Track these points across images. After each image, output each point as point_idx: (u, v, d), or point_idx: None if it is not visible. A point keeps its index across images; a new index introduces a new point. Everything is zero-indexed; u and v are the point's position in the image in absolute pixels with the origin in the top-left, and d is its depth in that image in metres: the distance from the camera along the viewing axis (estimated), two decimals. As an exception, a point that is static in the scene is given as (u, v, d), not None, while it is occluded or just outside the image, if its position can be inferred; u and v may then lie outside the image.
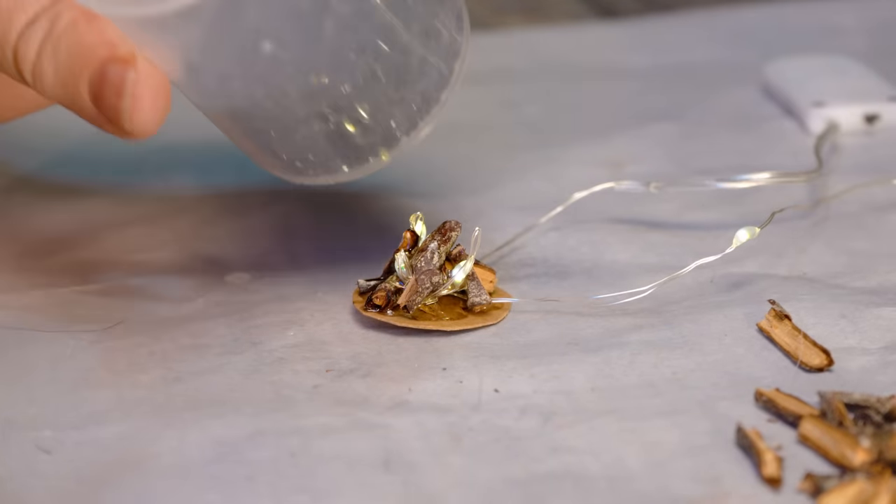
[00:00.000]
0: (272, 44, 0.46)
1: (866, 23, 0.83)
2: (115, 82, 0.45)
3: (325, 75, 0.48)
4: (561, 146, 0.67)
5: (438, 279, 0.50)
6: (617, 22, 0.87)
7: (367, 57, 0.49)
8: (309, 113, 0.49)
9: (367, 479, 0.42)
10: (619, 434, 0.44)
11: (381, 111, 0.50)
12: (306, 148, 0.51)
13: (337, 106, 0.49)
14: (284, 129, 0.50)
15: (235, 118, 0.50)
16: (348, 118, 0.50)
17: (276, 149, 0.51)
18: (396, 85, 0.50)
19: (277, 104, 0.48)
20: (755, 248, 0.55)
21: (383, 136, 0.51)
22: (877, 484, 0.40)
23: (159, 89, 0.46)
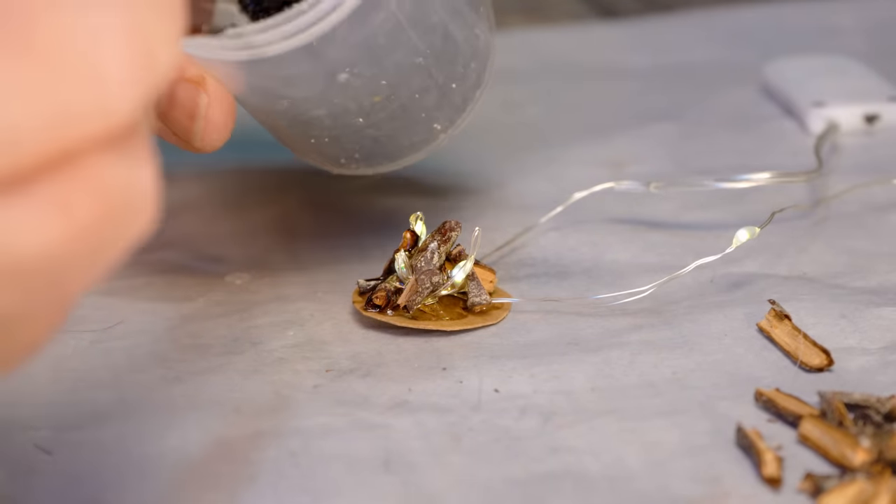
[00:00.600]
0: (348, 74, 0.48)
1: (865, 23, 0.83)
2: (186, 105, 0.48)
3: (387, 93, 0.51)
4: (561, 146, 0.67)
5: (438, 279, 0.50)
6: (617, 22, 0.87)
7: (424, 71, 0.52)
8: (365, 124, 0.52)
9: (367, 479, 0.42)
10: (619, 434, 0.44)
11: (429, 115, 0.54)
12: (354, 150, 0.54)
13: (392, 116, 0.52)
14: (338, 136, 0.53)
15: (291, 127, 0.52)
16: (399, 124, 0.53)
17: (325, 150, 0.54)
18: (444, 91, 0.54)
19: (338, 119, 0.51)
20: (755, 248, 0.55)
21: (426, 136, 0.54)
22: (877, 484, 0.40)
23: (228, 109, 0.48)
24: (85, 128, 0.27)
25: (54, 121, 0.27)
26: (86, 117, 0.27)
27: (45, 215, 0.27)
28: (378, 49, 0.49)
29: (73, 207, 0.28)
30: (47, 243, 0.27)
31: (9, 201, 0.27)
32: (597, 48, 0.81)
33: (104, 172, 0.28)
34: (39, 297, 0.29)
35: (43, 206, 0.27)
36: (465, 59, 0.55)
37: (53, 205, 0.27)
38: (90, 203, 0.28)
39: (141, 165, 0.29)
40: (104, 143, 0.28)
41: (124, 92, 0.27)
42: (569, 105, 0.73)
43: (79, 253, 0.28)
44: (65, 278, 0.29)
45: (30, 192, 0.27)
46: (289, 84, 0.49)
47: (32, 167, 0.27)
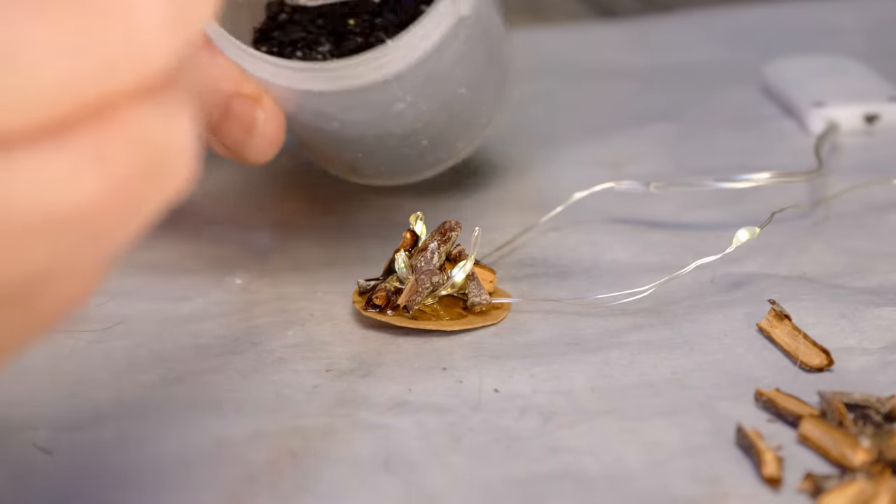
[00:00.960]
0: (404, 104, 0.51)
1: (865, 23, 0.83)
2: (243, 119, 0.49)
3: (428, 119, 0.54)
4: (561, 146, 0.67)
5: (438, 279, 0.50)
6: (617, 22, 0.87)
7: (465, 99, 0.56)
8: (401, 144, 0.55)
9: (367, 479, 0.42)
10: (619, 434, 0.44)
11: (456, 135, 0.58)
12: (382, 164, 0.57)
13: (426, 137, 0.55)
14: (372, 153, 0.56)
15: (329, 143, 0.55)
16: (429, 144, 0.56)
17: (354, 163, 0.57)
18: (475, 113, 0.58)
19: (379, 140, 0.54)
20: (755, 248, 0.55)
21: (449, 153, 0.58)
22: (877, 484, 0.40)
23: (281, 125, 0.50)
24: (120, 76, 0.27)
25: (89, 69, 0.26)
26: (120, 65, 0.27)
27: (82, 166, 0.27)
28: (434, 81, 0.52)
29: (110, 158, 0.27)
30: (84, 194, 0.27)
31: (44, 151, 0.26)
32: (596, 48, 0.81)
33: (141, 123, 0.28)
34: (76, 252, 0.28)
35: (79, 157, 0.27)
36: (496, 82, 0.59)
37: (90, 155, 0.27)
38: (127, 154, 0.27)
39: (178, 117, 0.28)
40: (140, 93, 0.27)
41: (159, 39, 0.27)
42: (568, 105, 0.73)
43: (116, 206, 0.28)
44: (101, 232, 0.28)
45: (65, 142, 0.27)
46: (347, 110, 0.51)
47: (67, 117, 0.27)
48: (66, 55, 0.26)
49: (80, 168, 0.27)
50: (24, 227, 0.27)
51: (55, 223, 0.27)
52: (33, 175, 0.26)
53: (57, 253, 0.28)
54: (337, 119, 0.52)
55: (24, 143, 0.26)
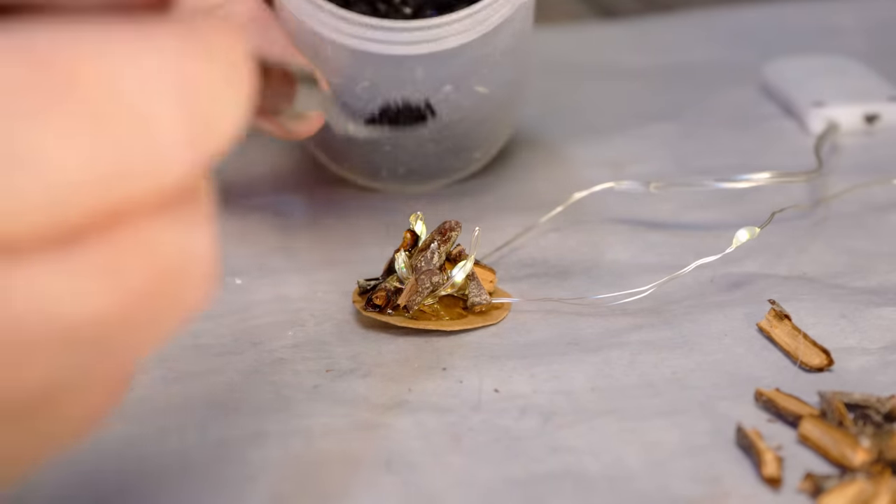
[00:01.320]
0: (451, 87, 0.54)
1: (865, 23, 0.83)
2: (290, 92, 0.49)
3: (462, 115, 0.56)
4: (561, 146, 0.67)
5: (438, 279, 0.50)
6: (617, 22, 0.87)
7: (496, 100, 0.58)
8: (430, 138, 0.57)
9: (367, 479, 0.42)
10: (619, 434, 0.44)
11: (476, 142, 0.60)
12: (402, 163, 0.59)
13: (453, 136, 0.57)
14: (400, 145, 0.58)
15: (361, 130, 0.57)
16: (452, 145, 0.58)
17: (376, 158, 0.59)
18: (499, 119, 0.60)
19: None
20: (755, 248, 0.55)
21: (465, 162, 0.60)
22: (877, 484, 0.40)
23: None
24: (135, 188, 0.26)
25: (103, 179, 0.26)
26: (136, 176, 0.26)
27: (94, 279, 0.26)
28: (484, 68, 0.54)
29: (124, 272, 0.26)
30: (95, 307, 0.26)
31: (56, 263, 0.26)
32: (596, 48, 0.81)
33: (156, 236, 0.27)
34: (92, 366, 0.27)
35: (92, 270, 0.26)
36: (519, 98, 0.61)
37: (103, 268, 0.26)
38: (141, 268, 0.27)
39: (197, 231, 0.28)
40: (156, 206, 0.27)
41: (177, 152, 0.26)
42: (568, 105, 0.73)
43: (130, 320, 0.27)
44: (117, 346, 0.27)
45: (78, 253, 0.26)
46: (400, 84, 0.53)
47: (80, 227, 0.26)
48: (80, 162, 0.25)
49: (91, 279, 0.26)
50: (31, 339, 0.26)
51: (64, 336, 0.26)
52: (42, 284, 0.26)
53: (66, 367, 0.27)
54: (382, 95, 0.53)
55: (33, 250, 0.25)
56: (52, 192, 0.25)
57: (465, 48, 0.52)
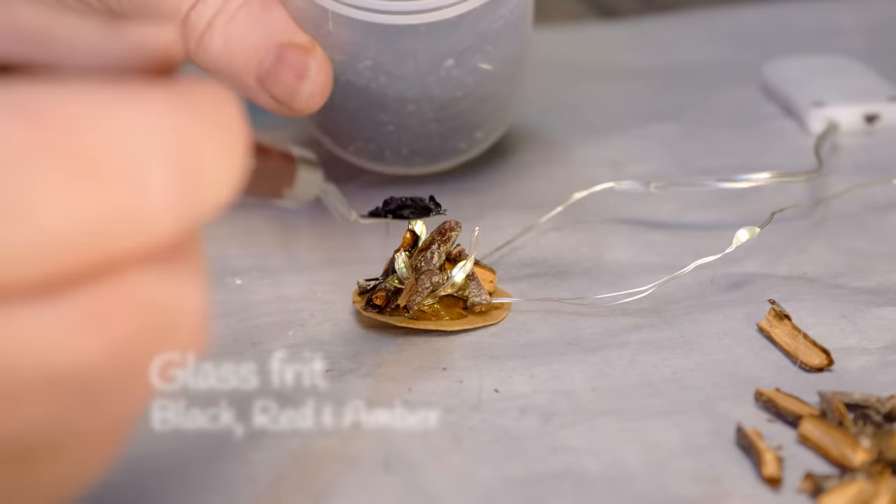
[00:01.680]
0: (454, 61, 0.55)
1: (866, 23, 0.83)
2: (296, 66, 0.51)
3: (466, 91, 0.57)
4: (561, 146, 0.67)
5: (438, 279, 0.50)
6: (617, 22, 0.87)
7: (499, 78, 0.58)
8: (433, 118, 0.57)
9: (367, 479, 0.42)
10: (619, 434, 0.44)
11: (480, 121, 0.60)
12: (405, 144, 0.59)
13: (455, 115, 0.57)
14: (403, 125, 0.58)
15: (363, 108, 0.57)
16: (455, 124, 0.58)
17: (378, 139, 0.59)
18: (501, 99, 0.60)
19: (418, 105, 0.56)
20: (755, 248, 0.55)
21: (468, 143, 0.60)
22: (877, 484, 0.40)
23: (330, 74, 0.52)
24: (123, 243, 0.27)
25: (91, 233, 0.26)
26: (124, 233, 0.27)
27: (80, 325, 0.27)
28: (484, 43, 0.54)
29: (110, 320, 0.27)
30: (82, 354, 0.27)
31: (42, 311, 0.26)
32: (596, 48, 0.81)
33: (143, 289, 0.27)
34: (80, 418, 0.28)
35: (77, 318, 0.27)
36: (519, 81, 0.61)
37: (89, 316, 0.27)
38: (127, 318, 0.27)
39: (185, 286, 0.28)
40: (145, 258, 0.27)
41: (166, 211, 0.27)
42: (568, 105, 0.73)
43: (115, 369, 0.27)
44: (104, 398, 0.28)
45: (64, 302, 0.26)
46: (403, 58, 0.54)
47: (67, 278, 0.26)
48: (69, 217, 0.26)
49: (76, 328, 0.27)
50: (18, 383, 0.26)
51: (48, 383, 0.27)
52: (29, 331, 0.26)
53: (52, 416, 0.27)
54: (386, 72, 0.54)
55: (19, 298, 0.26)
56: (40, 244, 0.26)
57: (466, 20, 0.52)
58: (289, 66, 0.52)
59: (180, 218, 0.27)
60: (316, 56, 0.52)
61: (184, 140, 0.27)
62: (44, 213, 0.26)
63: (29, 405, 0.27)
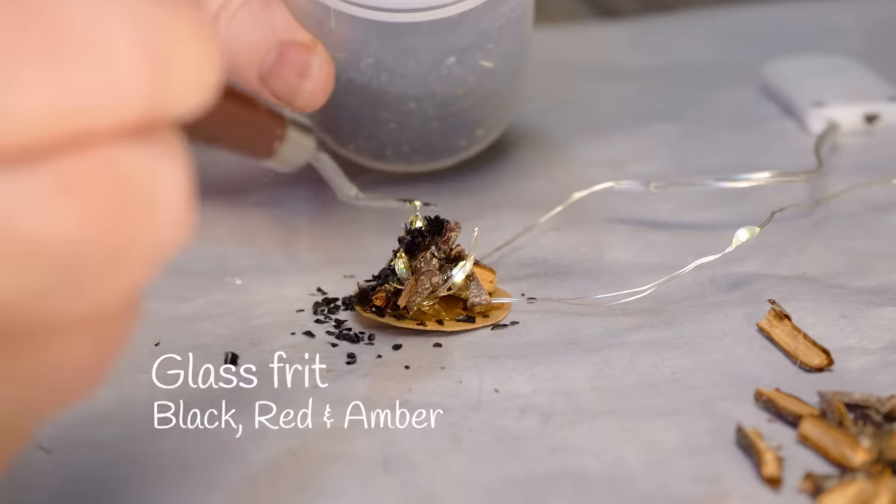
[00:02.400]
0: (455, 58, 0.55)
1: (865, 23, 0.83)
2: (297, 64, 0.52)
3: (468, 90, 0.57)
4: (561, 146, 0.67)
5: (438, 280, 0.50)
6: (617, 22, 0.87)
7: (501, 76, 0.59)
8: (434, 115, 0.57)
9: (367, 479, 0.42)
10: (619, 434, 0.44)
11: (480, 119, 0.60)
12: (406, 141, 0.59)
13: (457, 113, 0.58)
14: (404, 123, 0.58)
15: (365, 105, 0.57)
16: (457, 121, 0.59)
17: (380, 136, 0.59)
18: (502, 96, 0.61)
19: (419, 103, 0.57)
20: (755, 248, 0.55)
21: (468, 140, 0.60)
22: (877, 484, 0.40)
23: (332, 72, 0.53)
24: (95, 114, 0.27)
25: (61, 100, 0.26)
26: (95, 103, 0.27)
27: (53, 195, 0.27)
28: (486, 40, 0.54)
29: (84, 191, 0.27)
30: (55, 224, 0.27)
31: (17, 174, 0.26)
32: (596, 48, 0.81)
33: (118, 161, 0.27)
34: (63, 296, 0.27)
35: (51, 186, 0.27)
36: (522, 69, 0.61)
37: (62, 185, 0.27)
38: (102, 189, 0.27)
39: (163, 166, 0.28)
40: (118, 133, 0.27)
41: (136, 82, 0.27)
42: (568, 105, 0.73)
43: (93, 243, 0.27)
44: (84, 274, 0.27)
45: (37, 169, 0.27)
46: (405, 57, 0.54)
47: (39, 146, 0.27)
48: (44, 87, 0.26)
49: (51, 196, 0.27)
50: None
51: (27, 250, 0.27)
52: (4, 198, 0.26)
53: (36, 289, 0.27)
54: (387, 70, 0.54)
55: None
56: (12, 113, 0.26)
57: (468, 18, 0.52)
58: (290, 63, 0.52)
59: (151, 96, 0.27)
60: (318, 54, 0.52)
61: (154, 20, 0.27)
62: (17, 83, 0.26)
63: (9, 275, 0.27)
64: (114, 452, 0.43)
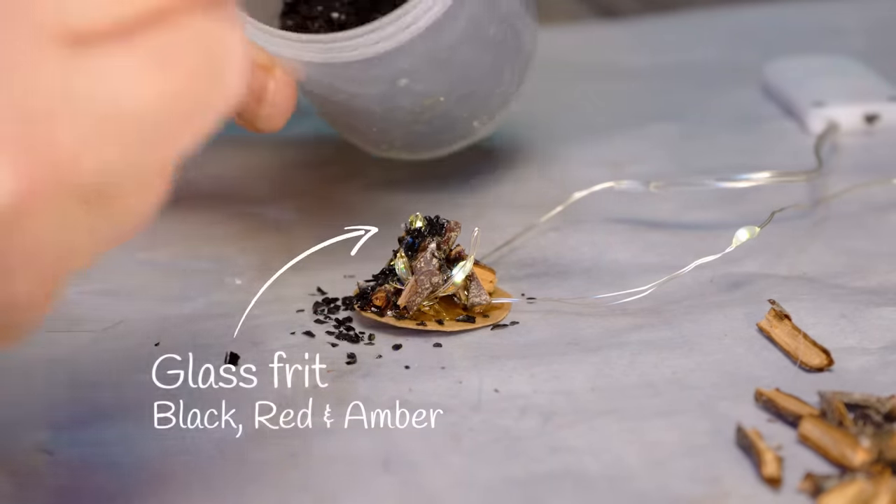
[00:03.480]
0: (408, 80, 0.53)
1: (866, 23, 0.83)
2: (254, 89, 0.50)
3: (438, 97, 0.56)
4: (561, 146, 0.67)
5: (438, 279, 0.50)
6: (617, 22, 0.87)
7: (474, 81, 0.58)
8: (413, 120, 0.57)
9: (367, 479, 0.42)
10: (619, 434, 0.44)
11: (471, 114, 0.59)
12: (397, 139, 0.60)
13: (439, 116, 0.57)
14: (386, 129, 0.59)
15: (342, 115, 0.58)
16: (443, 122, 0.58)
17: (370, 136, 0.60)
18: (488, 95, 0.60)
19: (389, 115, 0.57)
20: (755, 248, 0.55)
21: (465, 131, 0.60)
22: (877, 484, 0.40)
23: (291, 94, 0.51)
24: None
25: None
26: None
27: (145, 68, 0.29)
28: (436, 60, 0.53)
29: (171, 61, 0.29)
30: (149, 94, 0.29)
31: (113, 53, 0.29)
32: (596, 48, 0.81)
33: (198, 30, 0.30)
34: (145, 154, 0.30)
35: (143, 59, 0.29)
36: (511, 64, 0.60)
37: (152, 58, 0.29)
38: (186, 57, 0.30)
39: (230, 27, 0.31)
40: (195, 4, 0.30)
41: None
42: (568, 105, 0.73)
43: (177, 107, 0.30)
44: (162, 138, 0.30)
45: (130, 45, 0.29)
46: (348, 83, 0.53)
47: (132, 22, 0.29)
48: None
49: (143, 69, 0.29)
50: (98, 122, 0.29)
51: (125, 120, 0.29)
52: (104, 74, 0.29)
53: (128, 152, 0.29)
54: (342, 91, 0.54)
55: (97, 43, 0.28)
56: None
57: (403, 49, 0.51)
58: (249, 88, 0.51)
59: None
60: (275, 77, 0.51)
61: None
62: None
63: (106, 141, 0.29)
64: (114, 452, 0.43)
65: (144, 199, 0.31)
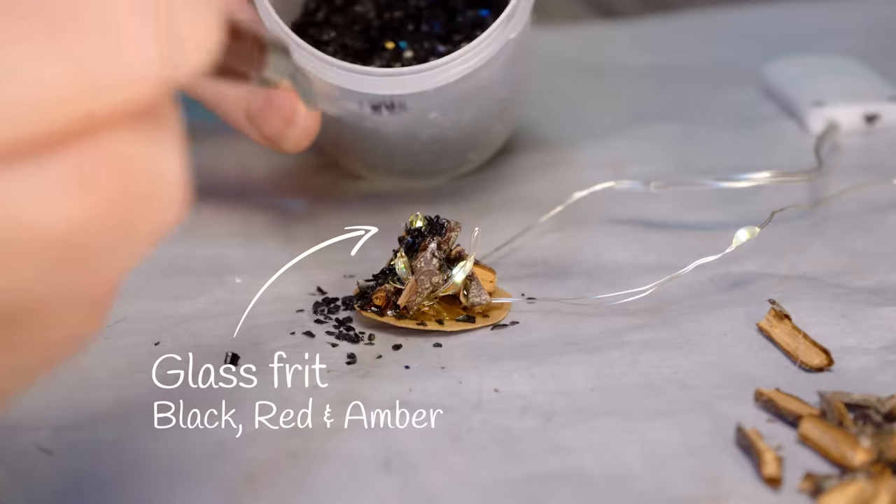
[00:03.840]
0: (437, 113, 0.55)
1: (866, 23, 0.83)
2: (284, 110, 0.51)
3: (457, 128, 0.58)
4: (561, 146, 0.67)
5: (438, 279, 0.50)
6: (617, 22, 0.87)
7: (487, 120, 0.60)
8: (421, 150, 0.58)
9: (367, 479, 0.42)
10: (619, 434, 0.44)
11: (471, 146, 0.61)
12: (396, 165, 0.61)
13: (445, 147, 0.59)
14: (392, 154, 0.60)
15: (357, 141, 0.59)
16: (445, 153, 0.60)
17: (369, 160, 0.61)
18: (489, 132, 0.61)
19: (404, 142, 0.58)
20: (755, 248, 0.55)
21: (460, 162, 0.62)
22: (877, 484, 0.40)
23: (317, 117, 0.52)
24: (103, 102, 0.27)
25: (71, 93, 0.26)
26: (104, 91, 0.27)
27: (64, 187, 0.27)
28: (469, 96, 0.55)
29: (91, 183, 0.27)
30: (63, 217, 0.27)
31: (25, 172, 0.27)
32: (596, 48, 0.81)
33: (123, 150, 0.28)
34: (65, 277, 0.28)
35: (59, 179, 0.27)
36: (517, 102, 0.62)
37: (70, 178, 0.27)
38: (108, 180, 0.28)
39: (165, 150, 0.29)
40: (123, 120, 0.28)
41: (143, 65, 0.27)
42: (568, 105, 0.73)
43: (99, 230, 0.28)
44: (89, 258, 0.28)
45: (47, 164, 0.27)
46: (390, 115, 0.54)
47: (49, 137, 0.27)
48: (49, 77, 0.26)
49: (60, 188, 0.27)
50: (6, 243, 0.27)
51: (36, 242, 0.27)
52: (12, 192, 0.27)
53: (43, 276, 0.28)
54: (371, 119, 0.54)
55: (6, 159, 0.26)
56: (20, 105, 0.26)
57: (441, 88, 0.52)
58: (278, 108, 0.52)
59: (160, 77, 0.27)
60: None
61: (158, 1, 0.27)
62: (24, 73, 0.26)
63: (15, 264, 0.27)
64: (114, 452, 0.43)
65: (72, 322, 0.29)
